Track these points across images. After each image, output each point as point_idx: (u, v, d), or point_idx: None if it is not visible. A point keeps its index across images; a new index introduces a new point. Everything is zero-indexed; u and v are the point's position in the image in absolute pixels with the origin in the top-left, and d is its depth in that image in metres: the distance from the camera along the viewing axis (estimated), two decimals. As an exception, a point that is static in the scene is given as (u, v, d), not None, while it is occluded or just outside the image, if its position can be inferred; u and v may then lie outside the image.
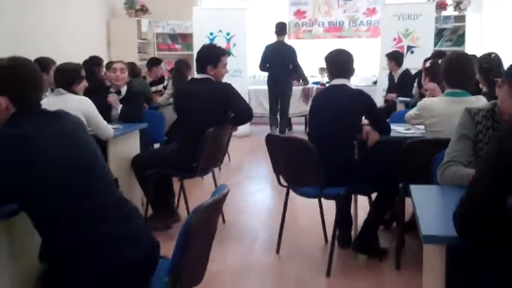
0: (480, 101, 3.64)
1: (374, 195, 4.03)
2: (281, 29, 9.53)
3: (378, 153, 4.23)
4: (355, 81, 10.32)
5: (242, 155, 8.13)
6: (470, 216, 1.79)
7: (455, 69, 3.73)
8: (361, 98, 4.12)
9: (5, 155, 2.09)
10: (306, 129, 9.14)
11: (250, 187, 6.47)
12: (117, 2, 10.18)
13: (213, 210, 2.28)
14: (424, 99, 4.13)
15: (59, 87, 4.30)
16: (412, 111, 4.07)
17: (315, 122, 4.26)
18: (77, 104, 4.10)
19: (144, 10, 10.36)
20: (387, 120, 4.49)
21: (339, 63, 4.20)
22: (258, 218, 5.29)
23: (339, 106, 4.07)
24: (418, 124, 4.14)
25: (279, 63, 9.28)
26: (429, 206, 2.25)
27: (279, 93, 9.47)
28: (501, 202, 1.75)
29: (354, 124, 4.17)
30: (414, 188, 2.50)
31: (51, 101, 4.25)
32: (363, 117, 4.21)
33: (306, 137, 4.37)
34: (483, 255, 1.87)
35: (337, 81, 4.17)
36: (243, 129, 9.17)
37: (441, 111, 3.76)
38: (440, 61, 4.69)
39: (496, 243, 1.78)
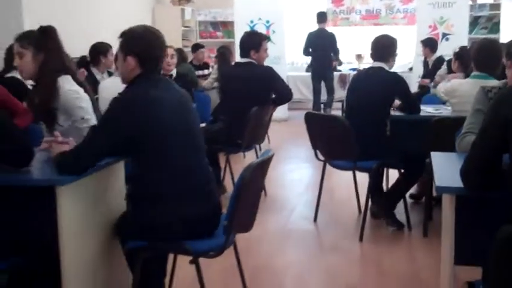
0: None
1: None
2: (322, 17, 9.93)
3: (408, 131, 4.60)
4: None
5: (281, 138, 8.52)
6: (470, 170, 2.20)
7: (483, 53, 4.06)
8: (396, 81, 4.48)
9: (130, 113, 2.53)
10: (342, 114, 9.49)
11: (289, 166, 6.88)
12: (162, -9, 10.68)
13: (261, 168, 2.70)
14: (452, 81, 4.48)
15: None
16: (442, 88, 4.42)
17: (352, 99, 4.63)
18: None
19: (187, -1, 10.84)
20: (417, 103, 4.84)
21: (379, 47, 4.57)
22: (297, 191, 5.73)
23: (375, 87, 4.43)
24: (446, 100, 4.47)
25: (321, 48, 9.76)
26: (445, 167, 2.61)
27: (321, 75, 9.93)
28: (494, 156, 2.14)
29: (388, 103, 4.53)
30: (434, 155, 2.90)
31: (111, 83, 4.74)
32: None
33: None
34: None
35: (376, 64, 4.55)
36: (282, 113, 9.61)
37: (466, 92, 4.09)
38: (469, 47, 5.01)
39: (491, 189, 2.18)
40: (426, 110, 4.77)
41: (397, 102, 4.64)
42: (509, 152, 2.10)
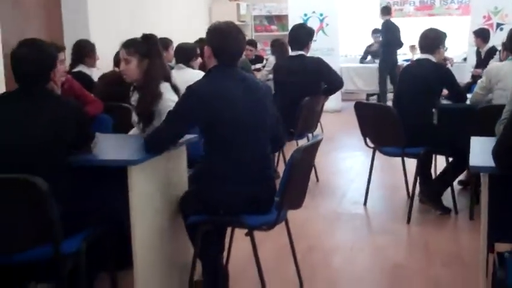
0: None
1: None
2: (385, 9, 10.38)
3: (455, 119, 4.76)
4: (445, 58, 10.71)
5: (334, 128, 8.73)
6: (500, 150, 2.40)
7: None
8: (441, 72, 4.67)
9: (198, 104, 2.86)
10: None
11: (341, 154, 7.11)
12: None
13: (310, 151, 2.97)
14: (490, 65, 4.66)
15: (180, 62, 5.06)
16: (477, 87, 4.58)
17: (400, 89, 4.83)
18: (196, 77, 4.84)
19: (242, -6, 11.14)
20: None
21: (426, 40, 4.75)
22: (348, 178, 5.97)
23: (422, 78, 4.61)
24: (486, 94, 4.61)
25: (387, 41, 10.25)
26: (482, 150, 2.80)
27: (389, 67, 10.26)
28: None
29: (434, 94, 4.71)
30: (474, 139, 3.10)
31: (173, 75, 5.06)
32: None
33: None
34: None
35: (423, 56, 4.73)
36: (335, 104, 9.81)
37: (509, 73, 4.25)
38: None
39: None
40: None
41: (445, 91, 4.81)
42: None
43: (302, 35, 5.51)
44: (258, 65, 8.86)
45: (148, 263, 3.00)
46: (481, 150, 2.79)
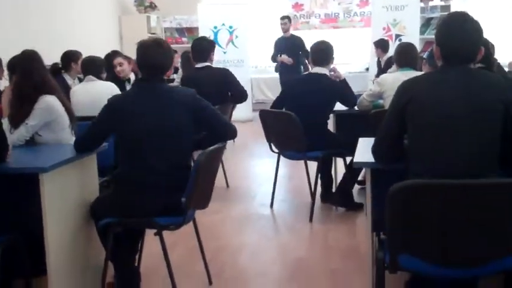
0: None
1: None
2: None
3: (350, 124, 5.14)
4: (348, 68, 11.27)
5: (245, 136, 8.99)
6: (377, 147, 2.74)
7: (403, 52, 4.88)
8: (332, 86, 5.00)
9: (110, 115, 3.16)
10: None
11: (252, 161, 7.43)
12: (128, 0, 11.11)
13: (215, 155, 3.22)
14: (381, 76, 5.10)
15: (89, 74, 5.17)
16: (364, 94, 4.98)
17: (296, 101, 5.09)
18: (106, 89, 4.99)
19: (152, 6, 11.28)
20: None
21: (318, 53, 5.08)
22: (256, 182, 6.28)
23: (315, 93, 4.91)
24: (372, 102, 4.99)
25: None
26: (367, 148, 3.11)
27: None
28: (395, 136, 2.66)
29: (328, 105, 5.07)
30: (362, 139, 3.43)
31: (82, 87, 5.19)
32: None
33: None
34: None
35: (316, 69, 5.07)
36: (246, 114, 10.13)
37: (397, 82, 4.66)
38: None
39: (396, 163, 2.71)
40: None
41: None
42: (407, 132, 2.62)
43: (205, 46, 5.76)
44: (174, 76, 9.04)
45: (62, 268, 3.14)
46: (366, 149, 3.10)
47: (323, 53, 5.05)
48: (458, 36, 2.53)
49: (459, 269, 2.33)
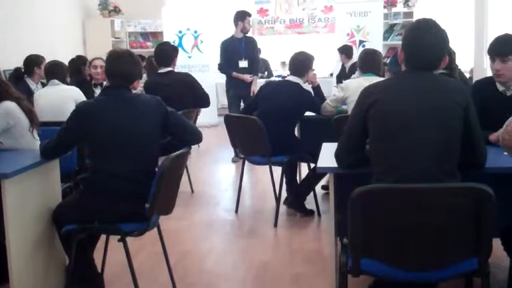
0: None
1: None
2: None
3: (315, 129, 5.19)
4: (313, 74, 11.36)
5: (210, 142, 9.01)
6: (339, 152, 2.79)
7: (366, 58, 5.00)
8: (305, 98, 5.07)
9: (78, 122, 3.14)
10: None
11: (216, 167, 7.42)
12: (92, 4, 11.01)
13: (179, 160, 3.21)
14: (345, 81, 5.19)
15: (53, 79, 5.12)
16: (328, 99, 5.05)
17: (266, 105, 5.14)
18: (70, 93, 4.96)
19: (116, 11, 11.19)
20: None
21: (294, 63, 5.15)
22: (221, 188, 6.27)
23: (286, 99, 4.96)
24: (337, 107, 5.07)
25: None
26: (330, 153, 3.14)
27: None
28: (357, 140, 2.71)
29: (296, 112, 5.11)
30: (325, 145, 3.48)
31: (46, 91, 5.14)
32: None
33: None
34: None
35: (291, 78, 5.12)
36: (211, 119, 10.13)
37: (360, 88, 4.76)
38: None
39: (358, 167, 2.76)
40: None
41: None
42: (369, 137, 2.67)
43: (168, 51, 5.79)
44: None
45: (24, 275, 3.12)
46: (329, 154, 3.14)
47: (300, 63, 5.13)
48: (423, 43, 2.59)
49: (418, 273, 2.38)
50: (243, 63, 7.71)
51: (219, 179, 6.80)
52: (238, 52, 7.72)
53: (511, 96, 3.33)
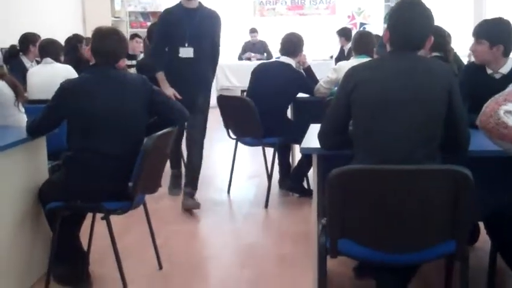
0: None
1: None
2: None
3: (309, 111, 5.16)
4: (313, 56, 11.29)
5: (209, 123, 8.97)
6: (322, 133, 2.78)
7: (359, 40, 5.01)
8: (295, 76, 5.05)
9: (64, 100, 3.12)
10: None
11: (210, 147, 7.37)
12: (92, -19, 10.95)
13: (164, 139, 3.20)
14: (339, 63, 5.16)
15: (47, 57, 5.11)
16: (321, 81, 5.03)
17: (258, 85, 5.12)
18: (63, 71, 4.94)
19: (117, -10, 11.14)
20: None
21: (288, 43, 5.13)
22: (214, 168, 6.27)
23: (279, 80, 4.97)
24: (330, 89, 5.04)
25: None
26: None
27: None
28: (341, 121, 2.69)
29: (289, 94, 5.09)
30: (313, 126, 3.47)
31: (39, 69, 5.12)
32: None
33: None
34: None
35: (283, 58, 5.11)
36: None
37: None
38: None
39: (340, 148, 2.74)
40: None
41: None
42: (352, 118, 2.65)
43: None
44: (133, 62, 8.96)
45: (8, 252, 3.12)
46: (315, 135, 3.13)
47: (292, 44, 5.10)
48: (407, 22, 2.57)
49: (396, 255, 2.37)
50: (186, 52, 4.87)
51: (213, 160, 6.78)
52: (181, 32, 4.88)
53: (500, 79, 3.31)
